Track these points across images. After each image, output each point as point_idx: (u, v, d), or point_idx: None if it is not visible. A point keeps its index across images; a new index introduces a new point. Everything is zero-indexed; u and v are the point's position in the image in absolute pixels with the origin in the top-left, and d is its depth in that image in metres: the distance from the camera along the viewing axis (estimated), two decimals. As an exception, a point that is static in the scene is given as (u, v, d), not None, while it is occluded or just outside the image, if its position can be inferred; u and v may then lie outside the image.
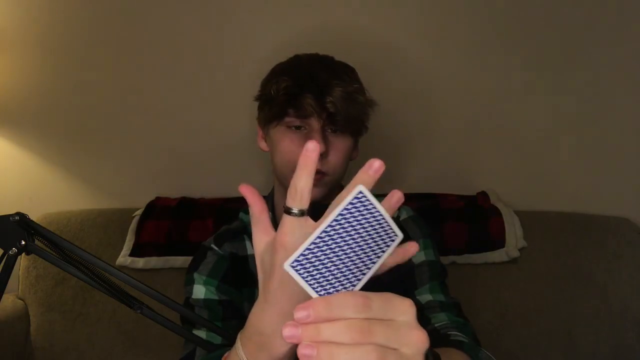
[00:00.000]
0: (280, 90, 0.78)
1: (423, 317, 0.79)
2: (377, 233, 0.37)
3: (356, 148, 0.89)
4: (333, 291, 0.36)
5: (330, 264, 0.36)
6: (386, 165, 0.41)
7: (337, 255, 0.36)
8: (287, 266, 0.35)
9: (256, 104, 0.88)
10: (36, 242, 0.61)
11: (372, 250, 0.38)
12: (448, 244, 1.26)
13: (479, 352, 0.68)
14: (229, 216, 0.99)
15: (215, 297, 0.83)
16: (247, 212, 0.96)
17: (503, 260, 1.25)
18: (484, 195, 1.36)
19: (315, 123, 0.79)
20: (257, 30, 1.41)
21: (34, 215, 1.32)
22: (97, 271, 0.63)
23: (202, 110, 1.44)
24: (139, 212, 1.34)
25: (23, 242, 0.59)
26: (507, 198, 1.38)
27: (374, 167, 0.39)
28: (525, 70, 1.39)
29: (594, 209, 1.37)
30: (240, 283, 0.85)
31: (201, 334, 0.77)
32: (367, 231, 0.37)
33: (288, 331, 0.33)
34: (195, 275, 0.85)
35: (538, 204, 1.40)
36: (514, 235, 1.26)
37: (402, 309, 0.36)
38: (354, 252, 0.37)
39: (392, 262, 0.42)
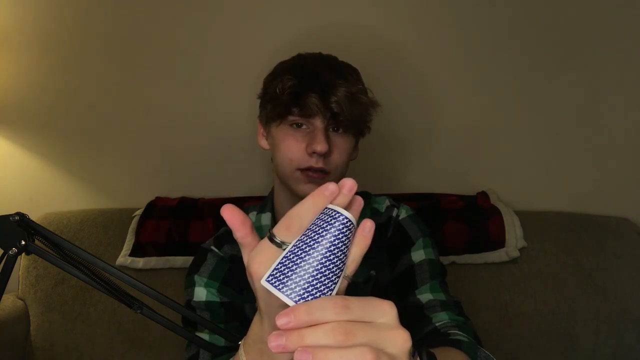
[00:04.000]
0: (286, 89, 0.78)
1: (424, 316, 0.79)
2: (345, 236, 0.39)
3: (356, 148, 0.89)
4: (311, 298, 0.37)
5: (304, 273, 0.37)
6: (387, 165, 0.42)
7: (310, 264, 0.37)
8: (263, 282, 0.38)
9: (257, 103, 0.88)
10: (36, 242, 0.61)
11: (343, 252, 0.39)
12: (448, 244, 1.26)
13: (477, 350, 0.68)
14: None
15: (217, 300, 0.83)
16: (246, 212, 0.96)
17: (503, 260, 1.25)
18: (484, 195, 1.36)
19: (319, 122, 0.79)
20: (258, 30, 1.40)
21: (34, 215, 1.33)
22: (97, 271, 0.63)
23: (202, 110, 1.44)
24: (139, 212, 1.34)
25: (23, 242, 0.59)
26: (507, 198, 1.38)
27: (347, 186, 0.40)
28: (525, 70, 1.39)
29: (594, 209, 1.37)
30: (241, 285, 0.85)
31: (204, 336, 0.77)
32: (335, 236, 0.38)
33: (273, 341, 0.34)
34: (196, 277, 0.85)
35: (538, 204, 1.40)
36: (514, 235, 1.26)
37: (383, 310, 0.37)
38: (327, 258, 0.38)
39: (359, 251, 0.41)
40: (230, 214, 0.42)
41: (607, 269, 1.25)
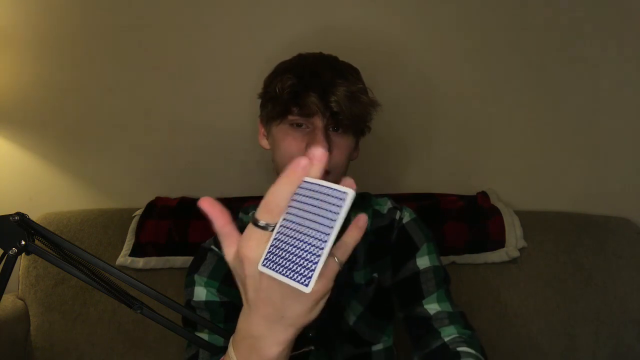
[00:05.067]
0: (285, 88, 0.78)
1: (432, 329, 0.80)
2: (326, 202, 0.39)
3: (357, 148, 0.89)
4: (303, 270, 0.38)
5: (294, 248, 0.39)
6: (387, 165, 0.42)
7: (298, 239, 0.39)
8: (260, 267, 0.40)
9: (257, 102, 0.88)
10: (36, 242, 0.61)
11: (328, 218, 0.39)
12: (448, 244, 1.26)
13: None
14: (229, 216, 0.99)
15: (217, 299, 0.83)
16: (246, 212, 0.96)
17: (503, 260, 1.25)
18: (484, 195, 1.36)
19: (318, 122, 0.79)
20: (258, 30, 1.41)
21: (34, 215, 1.33)
22: (97, 271, 0.63)
23: (202, 110, 1.44)
24: (139, 212, 1.34)
25: (23, 242, 0.59)
26: (507, 198, 1.38)
27: (317, 157, 0.40)
28: (525, 70, 1.39)
29: (594, 209, 1.37)
30: None
31: (203, 336, 0.77)
32: (316, 206, 0.39)
33: None
34: (196, 277, 0.85)
35: (538, 204, 1.40)
36: (514, 235, 1.26)
37: None
38: (311, 228, 0.39)
39: (352, 240, 0.42)
40: (209, 205, 0.44)
41: (607, 269, 1.25)
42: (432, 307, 0.82)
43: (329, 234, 0.39)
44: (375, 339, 0.89)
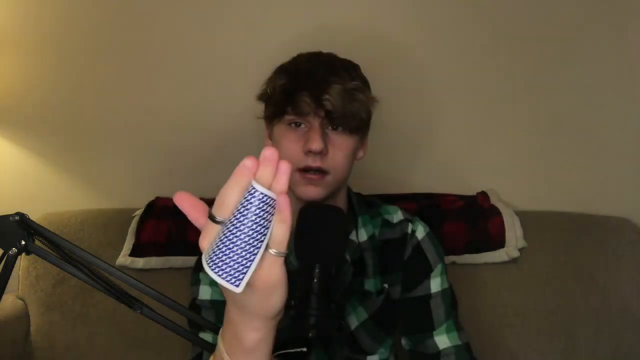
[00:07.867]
0: (277, 88, 0.79)
1: None
2: (262, 211, 0.41)
3: (362, 147, 0.88)
4: (236, 273, 0.41)
5: (231, 252, 0.41)
6: (386, 165, 0.42)
7: (236, 244, 0.41)
8: (204, 264, 0.43)
9: (257, 102, 0.89)
10: (36, 242, 0.61)
11: (264, 227, 0.41)
12: (448, 244, 1.25)
13: None
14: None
15: (222, 298, 0.83)
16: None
17: (503, 260, 1.25)
18: (484, 195, 1.36)
19: (313, 121, 0.79)
20: (258, 30, 1.40)
21: (34, 215, 1.32)
22: (97, 271, 0.63)
23: (202, 110, 1.44)
24: (139, 212, 1.34)
25: (23, 242, 0.59)
26: (507, 198, 1.38)
27: (266, 156, 0.41)
28: (525, 70, 1.39)
29: (594, 209, 1.37)
30: None
31: (207, 336, 0.77)
32: (256, 213, 0.41)
33: None
34: (201, 275, 0.85)
35: (538, 204, 1.40)
36: (514, 235, 1.26)
37: None
38: (248, 235, 0.41)
39: (283, 226, 0.42)
40: (184, 200, 0.46)
41: (607, 269, 1.25)
42: (441, 340, 0.83)
43: (262, 241, 0.41)
44: (373, 349, 0.88)
